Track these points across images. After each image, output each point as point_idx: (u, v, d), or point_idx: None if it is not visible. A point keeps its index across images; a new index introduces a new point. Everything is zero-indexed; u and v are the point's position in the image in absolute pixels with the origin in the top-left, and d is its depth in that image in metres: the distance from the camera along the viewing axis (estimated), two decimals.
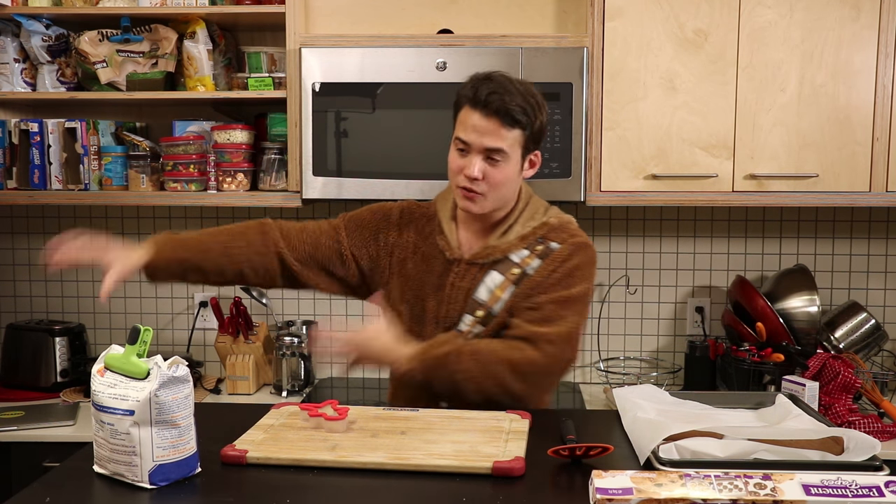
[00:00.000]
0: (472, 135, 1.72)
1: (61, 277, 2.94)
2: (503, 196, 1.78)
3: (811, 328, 2.54)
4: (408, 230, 1.89)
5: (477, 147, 1.72)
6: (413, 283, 1.84)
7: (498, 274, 1.78)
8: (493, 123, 1.71)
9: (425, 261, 1.84)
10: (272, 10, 2.50)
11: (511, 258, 1.79)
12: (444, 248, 1.83)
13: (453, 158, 1.77)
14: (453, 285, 1.80)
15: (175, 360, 1.28)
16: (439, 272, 1.82)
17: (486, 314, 1.78)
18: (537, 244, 1.80)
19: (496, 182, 1.74)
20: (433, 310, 1.82)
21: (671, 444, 1.37)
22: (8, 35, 2.61)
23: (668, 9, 2.41)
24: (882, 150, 2.42)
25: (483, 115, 1.71)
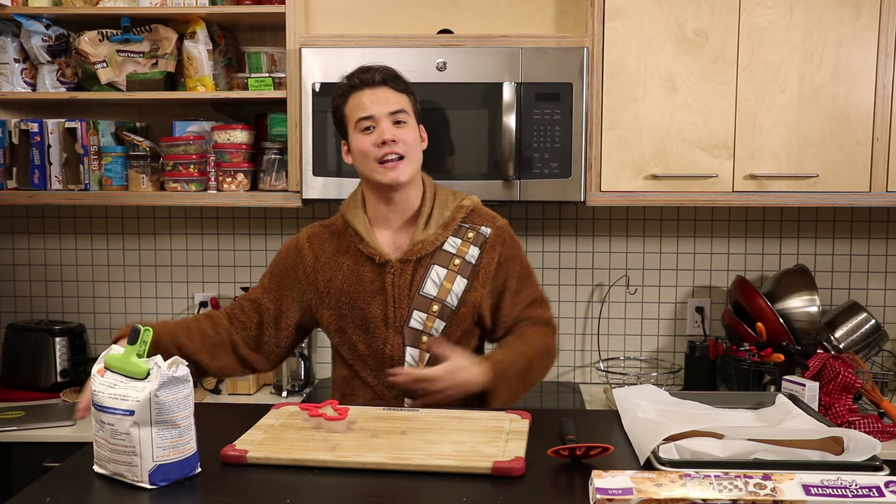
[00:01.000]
0: (373, 107, 1.81)
1: (61, 277, 2.94)
2: (417, 159, 1.85)
3: (811, 328, 2.54)
4: (322, 252, 1.90)
5: (382, 114, 1.81)
6: (345, 296, 1.86)
7: (440, 267, 1.84)
8: (384, 91, 1.83)
9: (352, 272, 1.86)
10: (272, 10, 2.50)
11: (445, 249, 1.85)
12: (370, 253, 1.85)
13: (361, 141, 1.82)
14: (394, 285, 1.83)
15: (175, 361, 1.28)
16: (372, 277, 1.84)
17: (441, 307, 1.82)
18: (466, 230, 1.87)
19: (410, 141, 1.82)
20: (379, 315, 1.83)
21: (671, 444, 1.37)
22: (8, 35, 2.61)
23: (668, 9, 2.41)
24: (882, 150, 2.42)
25: (373, 89, 1.82)
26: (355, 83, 1.84)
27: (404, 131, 1.81)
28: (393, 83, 1.84)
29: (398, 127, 1.81)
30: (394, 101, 1.82)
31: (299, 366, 2.70)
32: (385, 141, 1.79)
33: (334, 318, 1.88)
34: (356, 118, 1.82)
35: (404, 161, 1.81)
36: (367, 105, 1.81)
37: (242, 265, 2.91)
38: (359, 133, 1.82)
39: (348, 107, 1.84)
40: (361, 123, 1.81)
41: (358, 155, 1.84)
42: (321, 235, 1.93)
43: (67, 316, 2.93)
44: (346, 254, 1.88)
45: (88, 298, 2.94)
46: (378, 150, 1.79)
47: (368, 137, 1.81)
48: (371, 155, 1.80)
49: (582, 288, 2.86)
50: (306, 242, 1.93)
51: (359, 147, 1.82)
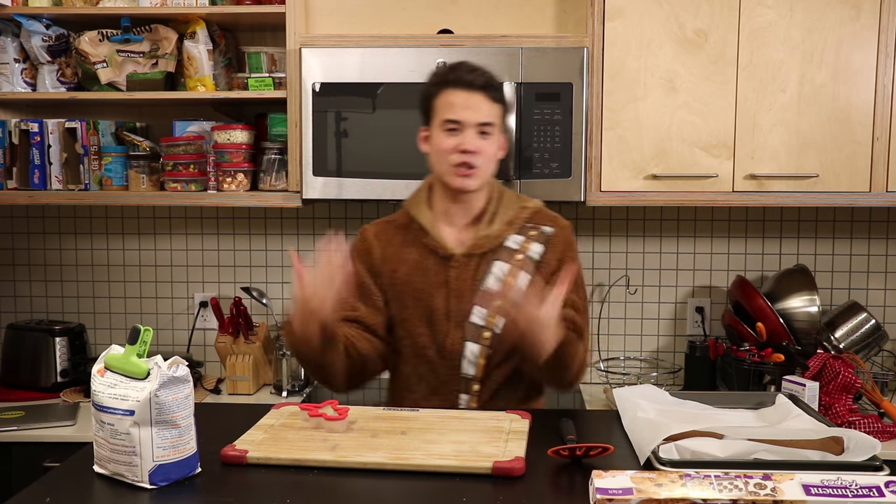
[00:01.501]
0: (464, 112, 1.78)
1: (61, 277, 2.94)
2: (490, 171, 1.84)
3: (811, 328, 2.54)
4: (389, 245, 1.91)
5: (470, 122, 1.78)
6: (409, 288, 1.86)
7: (502, 263, 1.84)
8: (480, 98, 1.79)
9: (417, 265, 1.87)
10: (272, 10, 2.50)
11: (508, 245, 1.85)
12: (434, 247, 1.85)
13: (442, 140, 1.80)
14: (458, 278, 1.83)
15: (175, 360, 1.28)
16: (436, 270, 1.85)
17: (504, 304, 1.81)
18: (529, 228, 1.88)
19: (489, 155, 1.81)
20: (442, 307, 1.84)
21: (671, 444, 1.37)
22: (8, 35, 2.61)
23: (668, 9, 2.41)
24: (882, 150, 2.42)
25: (469, 92, 1.78)
26: (453, 79, 1.80)
27: (486, 143, 1.80)
28: (491, 92, 1.80)
29: (482, 138, 1.79)
30: (486, 111, 1.79)
31: (299, 366, 2.69)
32: (465, 150, 1.77)
33: (399, 310, 1.88)
34: (444, 117, 1.80)
35: (477, 171, 1.80)
36: (459, 108, 1.78)
37: (242, 265, 2.91)
38: (442, 131, 1.80)
39: (439, 99, 1.81)
40: (448, 124, 1.79)
41: (435, 151, 1.83)
42: (387, 231, 1.93)
43: (67, 316, 2.93)
44: (411, 246, 1.88)
45: (88, 298, 2.94)
46: (456, 156, 1.78)
47: (451, 139, 1.79)
48: (448, 158, 1.79)
49: None
50: (373, 238, 1.92)
51: (438, 145, 1.81)
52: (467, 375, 1.83)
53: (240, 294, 2.84)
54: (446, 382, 1.84)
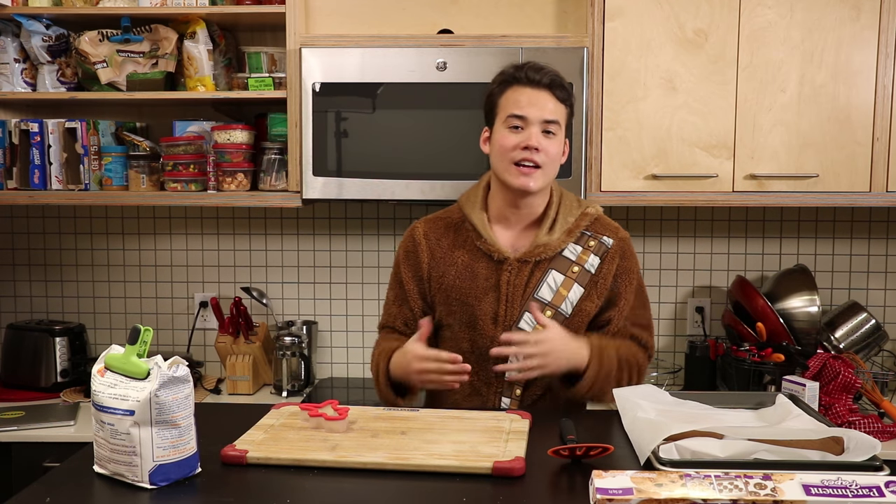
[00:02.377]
0: (529, 108, 1.76)
1: (61, 277, 2.94)
2: (553, 174, 1.81)
3: (811, 328, 2.54)
4: (438, 247, 1.88)
5: (535, 119, 1.76)
6: (456, 292, 1.83)
7: (558, 273, 1.80)
8: (546, 96, 1.77)
9: (467, 268, 1.83)
10: (272, 10, 2.50)
11: (565, 255, 1.82)
12: (488, 250, 1.82)
13: (505, 137, 1.78)
14: (509, 283, 1.80)
15: (175, 360, 1.28)
16: (486, 275, 1.82)
17: (555, 313, 1.80)
18: (588, 238, 1.84)
19: (552, 154, 1.78)
20: (490, 311, 1.81)
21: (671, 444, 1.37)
22: (8, 35, 2.61)
23: (668, 9, 2.41)
24: (882, 150, 2.42)
25: (536, 89, 1.76)
26: (520, 77, 1.78)
27: (550, 142, 1.77)
28: (558, 91, 1.78)
29: (546, 137, 1.77)
30: (551, 109, 1.77)
31: (299, 366, 2.70)
32: (529, 147, 1.75)
33: (444, 314, 1.86)
34: (509, 112, 1.77)
35: (540, 171, 1.77)
36: (524, 104, 1.76)
37: (242, 265, 2.91)
38: (506, 128, 1.78)
39: (504, 97, 1.79)
40: (512, 120, 1.77)
41: (497, 149, 1.79)
42: (437, 229, 1.89)
43: (67, 316, 2.93)
44: (462, 248, 1.85)
45: (88, 298, 2.94)
46: (518, 153, 1.75)
47: (514, 136, 1.76)
48: (510, 155, 1.76)
49: None
50: (423, 239, 1.89)
51: (501, 142, 1.78)
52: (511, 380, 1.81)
53: (240, 294, 2.84)
54: (489, 384, 1.82)
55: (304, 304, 2.91)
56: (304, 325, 2.82)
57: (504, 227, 1.86)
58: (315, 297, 2.90)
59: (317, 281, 2.89)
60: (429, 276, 1.87)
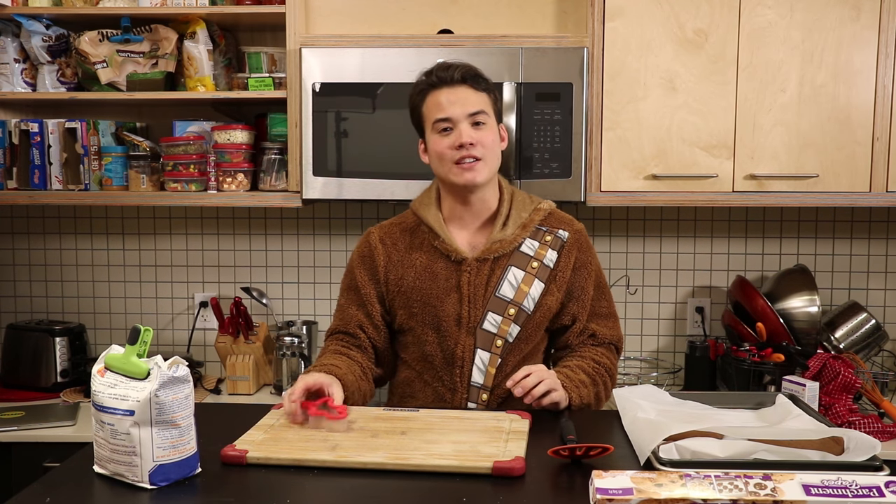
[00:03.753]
0: (451, 108, 1.77)
1: (61, 277, 2.94)
2: (495, 162, 1.82)
3: (811, 328, 2.54)
4: (394, 250, 1.87)
5: (460, 116, 1.77)
6: (417, 293, 1.83)
7: (517, 269, 1.81)
8: (464, 90, 1.78)
9: (426, 270, 1.83)
10: (272, 10, 2.50)
11: (523, 251, 1.82)
12: (446, 250, 1.82)
13: (438, 142, 1.79)
14: (469, 284, 1.80)
15: (175, 361, 1.28)
16: (446, 275, 1.81)
17: (518, 311, 1.80)
18: (544, 233, 1.85)
19: (489, 143, 1.79)
20: (452, 313, 1.80)
21: (671, 444, 1.37)
22: (8, 35, 2.61)
23: (668, 9, 2.41)
24: (882, 150, 2.42)
25: (452, 87, 1.78)
26: (433, 81, 1.80)
27: (483, 133, 1.78)
28: (473, 82, 1.79)
29: (477, 129, 1.77)
30: (473, 101, 1.78)
31: (299, 366, 2.70)
32: (463, 144, 1.75)
33: (405, 318, 1.84)
34: (434, 118, 1.79)
35: (481, 163, 1.77)
36: (445, 105, 1.77)
37: (242, 265, 2.91)
38: (436, 134, 1.79)
39: (426, 106, 1.81)
40: (439, 125, 1.78)
41: (435, 156, 1.81)
42: (393, 234, 1.89)
43: (67, 316, 2.93)
44: (419, 250, 1.85)
45: (88, 298, 2.94)
46: (455, 153, 1.76)
47: (446, 139, 1.78)
48: (448, 157, 1.77)
49: None
50: (378, 243, 1.89)
51: (435, 149, 1.79)
52: (476, 384, 1.80)
53: (240, 294, 2.84)
54: (453, 390, 1.81)
55: (304, 304, 2.91)
56: (304, 325, 2.82)
57: (459, 226, 1.86)
58: (315, 297, 2.90)
59: (317, 281, 2.89)
60: (385, 279, 1.86)
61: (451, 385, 1.81)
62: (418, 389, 1.85)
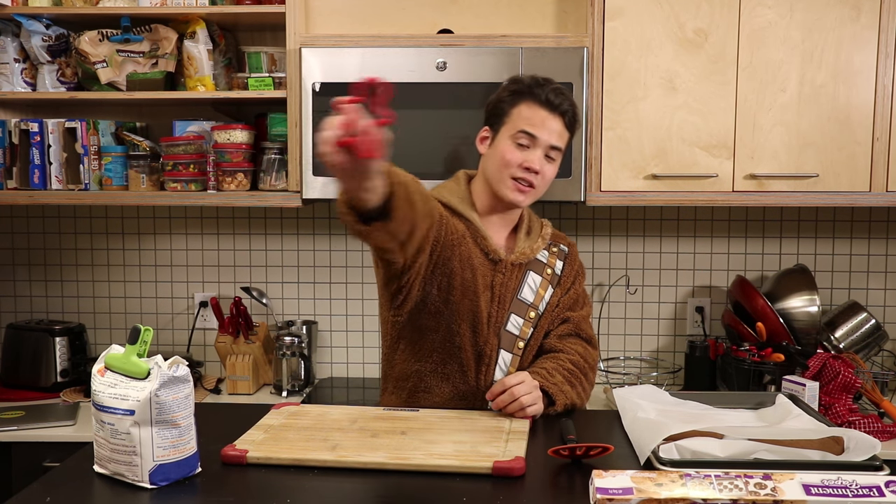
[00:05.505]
0: (541, 130, 1.78)
1: (61, 277, 2.94)
2: (541, 195, 1.86)
3: (811, 328, 2.54)
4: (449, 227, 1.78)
5: (544, 142, 1.79)
6: (458, 281, 1.75)
7: (535, 274, 1.89)
8: (559, 123, 1.80)
9: (468, 260, 1.79)
10: (272, 10, 2.50)
11: (539, 259, 1.91)
12: (487, 249, 1.83)
13: (510, 150, 1.79)
14: (502, 285, 1.83)
15: (175, 360, 1.28)
16: (483, 272, 1.81)
17: (536, 315, 1.87)
18: (551, 246, 1.94)
19: (548, 178, 1.83)
20: (484, 309, 1.80)
21: (671, 444, 1.37)
22: (8, 35, 2.61)
23: (668, 9, 2.41)
24: (882, 150, 2.42)
25: (551, 113, 1.79)
26: (540, 95, 1.79)
27: (550, 167, 1.82)
28: (570, 120, 1.82)
29: (547, 161, 1.81)
30: (559, 135, 1.80)
31: (299, 366, 2.70)
32: (531, 168, 1.78)
33: (439, 301, 1.76)
34: (520, 128, 1.78)
35: (533, 191, 1.81)
36: (538, 124, 1.78)
37: (242, 265, 2.91)
38: (512, 142, 1.79)
39: (518, 109, 1.80)
40: (521, 136, 1.78)
41: (498, 159, 1.80)
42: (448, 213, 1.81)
43: (67, 316, 2.93)
44: (462, 239, 1.80)
45: (88, 298, 2.94)
46: (519, 171, 1.78)
47: (519, 153, 1.78)
48: (511, 170, 1.78)
49: None
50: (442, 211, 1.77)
51: (504, 154, 1.79)
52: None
53: (240, 294, 2.84)
54: (476, 388, 1.80)
55: (304, 304, 2.91)
56: (304, 325, 2.82)
57: (491, 228, 1.87)
58: (315, 297, 2.90)
59: (317, 281, 2.89)
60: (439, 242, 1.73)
61: (476, 383, 1.80)
62: (434, 384, 1.80)
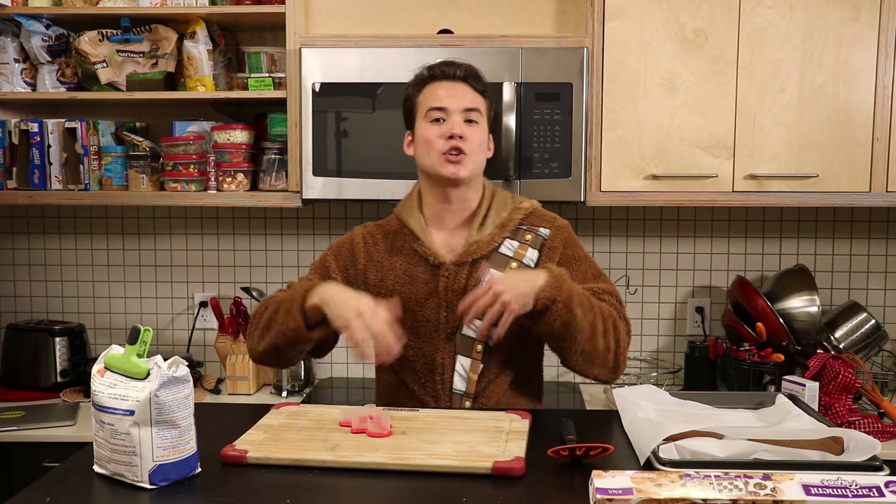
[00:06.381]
0: (448, 99, 1.77)
1: (61, 277, 2.94)
2: (480, 162, 1.80)
3: (811, 328, 2.54)
4: (375, 251, 1.84)
5: (455, 108, 1.76)
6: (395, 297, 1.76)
7: (495, 270, 1.74)
8: (463, 87, 1.79)
9: (405, 272, 1.79)
10: (272, 10, 2.50)
11: (502, 252, 1.78)
12: (424, 253, 1.78)
13: (428, 130, 1.77)
14: (447, 289, 1.76)
15: (175, 360, 1.28)
16: (426, 279, 1.78)
17: None
18: (524, 232, 1.80)
19: (477, 142, 1.77)
20: (431, 318, 1.76)
21: (671, 444, 1.37)
22: (8, 35, 2.61)
23: (668, 9, 2.41)
24: (882, 150, 2.42)
25: (451, 82, 1.79)
26: (435, 73, 1.80)
27: (473, 130, 1.76)
28: (473, 81, 1.80)
29: (469, 125, 1.76)
30: (470, 98, 1.77)
31: (299, 366, 2.69)
32: (453, 135, 1.73)
33: None
34: (428, 107, 1.77)
35: (467, 157, 1.74)
36: (443, 97, 1.76)
37: (242, 265, 2.91)
38: (427, 122, 1.77)
39: (422, 96, 1.80)
40: (433, 113, 1.76)
41: (422, 144, 1.78)
42: (375, 235, 1.87)
43: (67, 316, 2.93)
44: (399, 254, 1.81)
45: (88, 298, 2.94)
46: (444, 143, 1.74)
47: (437, 128, 1.75)
48: (436, 146, 1.75)
49: None
50: (360, 240, 1.85)
51: (425, 136, 1.76)
52: (458, 391, 1.75)
53: (240, 294, 2.84)
54: (436, 398, 1.77)
55: None
56: None
57: (439, 227, 1.82)
58: None
59: None
60: (365, 278, 1.81)
61: (434, 392, 1.77)
62: (403, 396, 1.81)
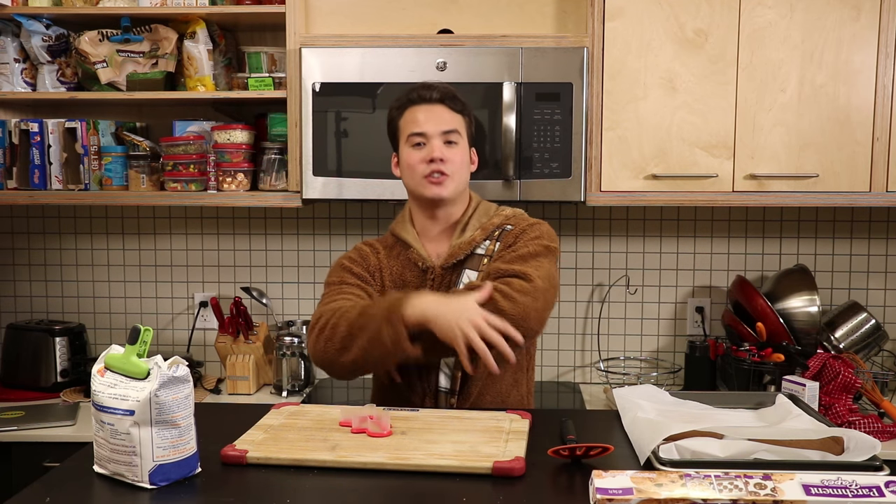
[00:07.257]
0: (426, 124, 1.83)
1: (61, 277, 2.94)
2: (463, 180, 1.87)
3: (811, 328, 2.54)
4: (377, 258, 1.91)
5: (434, 132, 1.82)
6: None
7: (472, 271, 1.83)
8: (441, 109, 1.84)
9: (398, 278, 1.88)
10: (272, 10, 2.50)
11: (478, 253, 1.85)
12: (416, 259, 1.86)
13: (410, 155, 1.84)
14: (434, 291, 1.81)
15: (175, 360, 1.28)
16: (415, 284, 1.85)
17: None
18: (500, 233, 1.86)
19: (458, 162, 1.84)
20: None
21: (671, 444, 1.37)
22: (8, 35, 2.61)
23: (668, 9, 2.41)
24: (882, 150, 2.42)
25: (429, 105, 1.84)
26: (413, 98, 1.86)
27: (453, 152, 1.83)
28: (451, 102, 1.86)
29: (448, 147, 1.83)
30: (448, 120, 1.84)
31: (299, 366, 2.70)
32: (433, 159, 1.81)
33: None
34: (408, 132, 1.84)
35: (448, 179, 1.82)
36: (421, 121, 1.83)
37: (242, 265, 2.91)
38: (409, 147, 1.84)
39: (403, 120, 1.87)
40: (413, 139, 1.83)
41: (406, 169, 1.86)
42: (375, 245, 1.95)
43: (67, 316, 2.93)
44: (395, 260, 1.90)
45: (88, 298, 2.94)
46: (425, 167, 1.82)
47: (418, 153, 1.83)
48: (418, 170, 1.82)
49: (582, 288, 2.86)
50: (367, 248, 1.93)
51: (407, 161, 1.85)
52: (444, 389, 1.82)
53: (240, 294, 2.84)
54: (423, 396, 1.82)
55: (304, 304, 2.91)
56: (304, 325, 2.82)
57: (427, 237, 1.90)
58: (315, 297, 2.89)
59: (317, 281, 2.89)
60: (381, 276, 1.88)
61: (420, 391, 1.83)
62: (391, 395, 1.86)
